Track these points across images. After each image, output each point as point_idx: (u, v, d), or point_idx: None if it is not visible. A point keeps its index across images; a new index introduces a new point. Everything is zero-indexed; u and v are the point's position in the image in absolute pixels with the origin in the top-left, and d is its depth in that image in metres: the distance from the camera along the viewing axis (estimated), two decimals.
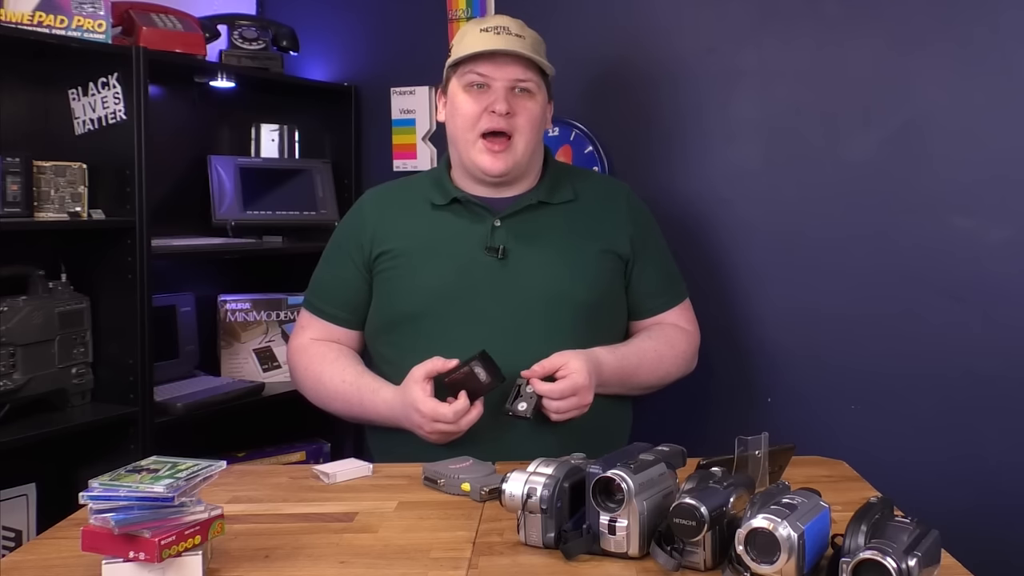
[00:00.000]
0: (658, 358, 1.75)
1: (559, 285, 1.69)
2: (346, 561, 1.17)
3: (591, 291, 1.71)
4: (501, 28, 1.66)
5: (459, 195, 1.73)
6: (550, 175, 1.78)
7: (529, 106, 1.68)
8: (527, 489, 1.17)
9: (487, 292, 1.67)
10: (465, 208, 1.73)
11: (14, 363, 1.87)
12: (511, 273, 1.68)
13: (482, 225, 1.71)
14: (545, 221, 1.73)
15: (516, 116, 1.66)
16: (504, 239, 1.69)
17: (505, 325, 1.65)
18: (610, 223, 1.76)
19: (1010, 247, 1.86)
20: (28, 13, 1.91)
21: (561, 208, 1.75)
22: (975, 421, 1.90)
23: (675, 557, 1.10)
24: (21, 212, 1.88)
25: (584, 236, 1.73)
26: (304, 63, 2.66)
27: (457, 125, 1.70)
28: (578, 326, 1.68)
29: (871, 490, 1.41)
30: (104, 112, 2.05)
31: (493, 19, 1.71)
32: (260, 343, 2.50)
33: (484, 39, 1.66)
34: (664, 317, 1.82)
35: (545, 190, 1.75)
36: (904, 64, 1.95)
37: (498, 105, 1.64)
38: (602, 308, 1.74)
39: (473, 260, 1.69)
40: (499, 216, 1.71)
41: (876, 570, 0.93)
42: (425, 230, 1.73)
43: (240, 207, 2.44)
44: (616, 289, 1.76)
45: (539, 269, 1.69)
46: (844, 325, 2.01)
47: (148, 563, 1.06)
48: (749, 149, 2.10)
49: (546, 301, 1.68)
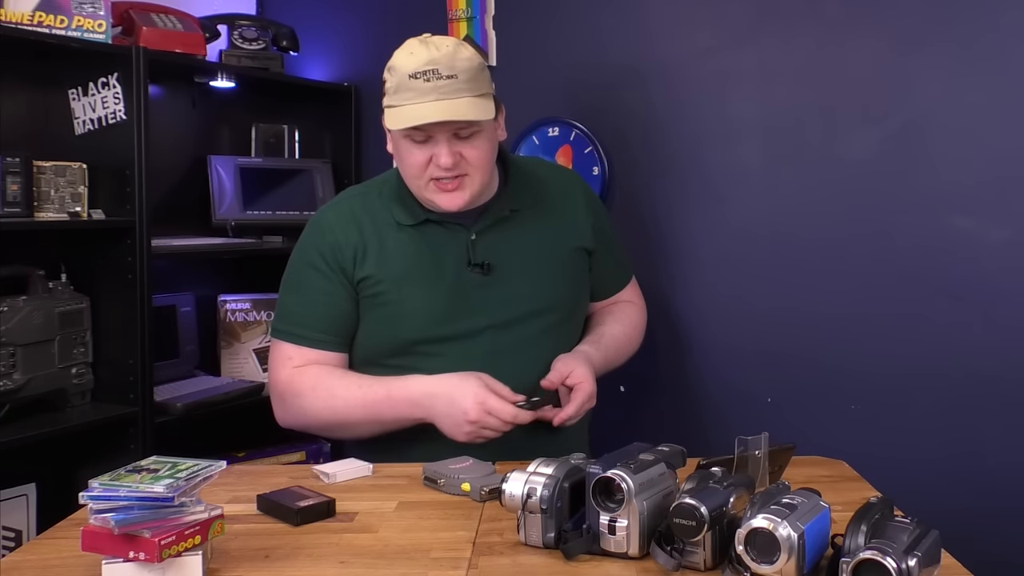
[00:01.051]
0: (627, 340, 1.85)
1: (545, 291, 1.71)
2: (346, 561, 1.17)
3: (573, 292, 1.77)
4: (431, 72, 1.54)
5: (430, 215, 1.68)
6: (512, 178, 1.75)
7: (476, 144, 1.61)
8: (527, 489, 1.17)
9: (479, 308, 1.67)
10: (439, 225, 1.68)
11: (14, 363, 1.87)
12: (499, 286, 1.68)
13: (459, 241, 1.68)
14: (519, 228, 1.72)
15: (464, 158, 1.60)
16: (485, 253, 1.68)
17: (500, 338, 1.66)
18: (573, 218, 1.78)
19: (1010, 247, 1.86)
20: (28, 13, 1.91)
21: (529, 212, 1.74)
22: (975, 421, 1.89)
23: (675, 557, 1.10)
24: (21, 212, 1.88)
25: (556, 237, 1.75)
26: (304, 63, 2.66)
27: (405, 171, 1.65)
28: (565, 328, 1.74)
29: (871, 490, 1.41)
30: (104, 112, 2.05)
31: (420, 51, 1.56)
32: (260, 343, 2.50)
33: (416, 93, 1.54)
34: (619, 295, 1.90)
35: (511, 197, 1.73)
36: (904, 64, 1.94)
37: (442, 159, 1.58)
38: (580, 305, 1.80)
39: (459, 278, 1.67)
40: (474, 230, 1.69)
41: (876, 570, 0.93)
42: (403, 252, 1.68)
43: (240, 207, 2.45)
44: (586, 282, 1.81)
45: (522, 278, 1.70)
46: (844, 325, 2.01)
47: (148, 563, 1.06)
48: (749, 149, 2.10)
49: (536, 309, 1.69)
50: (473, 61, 1.59)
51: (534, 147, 2.32)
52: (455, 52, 1.57)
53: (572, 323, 1.77)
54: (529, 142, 2.33)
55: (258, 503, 1.36)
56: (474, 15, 2.40)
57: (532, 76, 2.32)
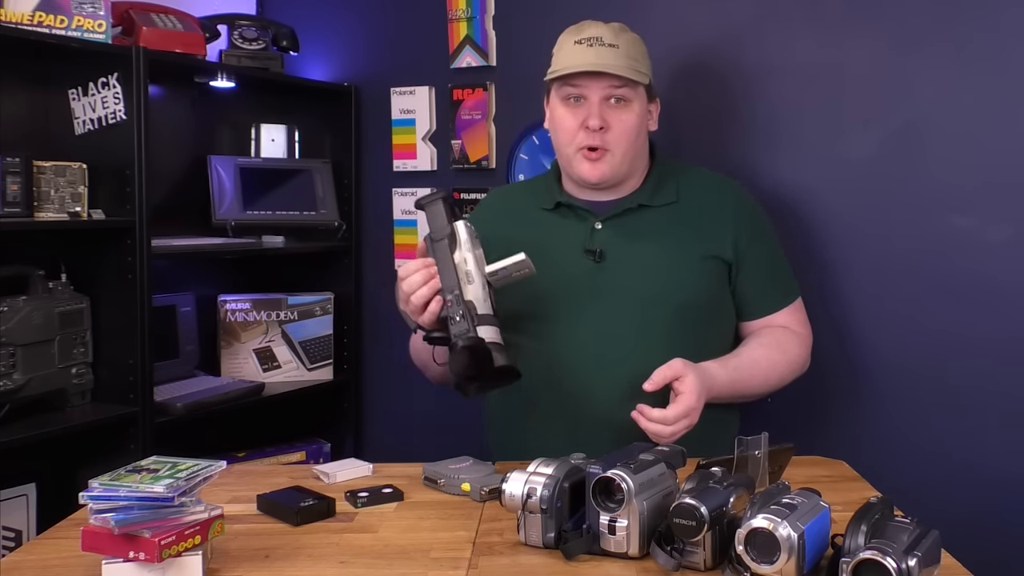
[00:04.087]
0: (771, 366, 1.73)
1: (654, 288, 1.68)
2: (346, 561, 1.17)
3: (688, 294, 1.69)
4: (594, 39, 1.67)
5: (563, 199, 1.76)
6: (655, 176, 1.78)
7: (624, 117, 1.68)
8: (527, 489, 1.17)
9: (584, 294, 1.68)
10: (570, 211, 1.75)
11: (14, 363, 1.87)
12: (608, 275, 1.69)
13: (583, 227, 1.73)
14: (646, 224, 1.73)
15: (610, 130, 1.67)
16: (603, 242, 1.71)
17: (601, 328, 1.66)
18: (713, 225, 1.74)
19: (1010, 247, 1.86)
20: (28, 13, 1.91)
21: (663, 210, 1.74)
22: (975, 421, 1.89)
23: (675, 557, 1.10)
24: (21, 212, 1.88)
25: (684, 239, 1.72)
26: (304, 63, 2.66)
27: (558, 138, 1.74)
28: (675, 329, 1.66)
29: (871, 490, 1.41)
30: (104, 112, 2.05)
31: (588, 28, 1.70)
32: (260, 343, 2.50)
33: (577, 53, 1.67)
34: (774, 319, 1.78)
35: (647, 192, 1.75)
36: (904, 64, 1.94)
37: (592, 120, 1.66)
38: (702, 311, 1.71)
39: (572, 262, 1.70)
40: (600, 219, 1.73)
41: (876, 570, 0.93)
42: (532, 233, 1.74)
43: (240, 207, 2.44)
44: (718, 291, 1.74)
45: (635, 272, 1.69)
46: (844, 325, 2.01)
47: (148, 563, 1.06)
48: (748, 149, 2.10)
49: (641, 304, 1.67)
50: (637, 42, 1.72)
51: (534, 147, 2.32)
52: (621, 29, 1.72)
53: (686, 328, 1.67)
54: (529, 142, 2.33)
55: (258, 503, 1.36)
56: (474, 15, 2.40)
57: (532, 76, 2.31)
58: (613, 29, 1.70)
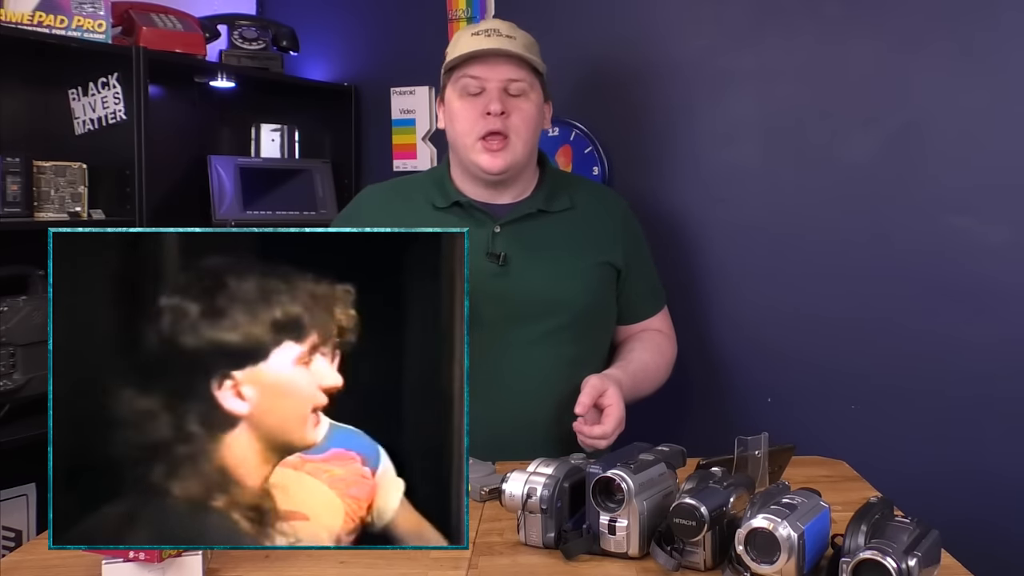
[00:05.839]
0: (656, 369, 1.81)
1: (557, 293, 1.70)
2: (346, 561, 1.17)
3: (587, 299, 1.74)
4: (492, 31, 1.69)
5: (460, 199, 1.74)
6: (548, 182, 1.79)
7: (524, 106, 1.70)
8: (527, 489, 1.17)
9: (487, 297, 1.67)
10: (466, 212, 1.74)
11: (14, 363, 1.87)
12: (511, 279, 1.69)
13: (483, 230, 1.72)
14: (544, 230, 1.74)
15: (511, 116, 1.68)
16: (504, 246, 1.70)
17: (503, 331, 1.67)
18: (606, 234, 1.79)
19: (1010, 248, 1.86)
20: (28, 13, 1.91)
21: (559, 217, 1.76)
22: (975, 421, 1.89)
23: (675, 557, 1.10)
24: (21, 212, 1.88)
25: (581, 246, 1.76)
26: (304, 63, 2.66)
27: (456, 131, 1.72)
28: (574, 333, 1.71)
29: (871, 490, 1.41)
30: (104, 112, 2.05)
31: (484, 23, 1.73)
32: None
33: (475, 42, 1.68)
34: (650, 323, 1.87)
35: (543, 198, 1.76)
36: (904, 64, 1.94)
37: (492, 105, 1.66)
38: (596, 316, 1.78)
39: (474, 265, 1.69)
40: (499, 222, 1.72)
41: (876, 570, 0.93)
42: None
43: (240, 207, 2.44)
44: (608, 297, 1.80)
45: (538, 276, 1.70)
46: (844, 325, 2.01)
47: (148, 563, 1.06)
48: (748, 149, 2.10)
49: (544, 308, 1.69)
50: (531, 38, 1.74)
51: None
52: (517, 26, 1.73)
53: (588, 332, 1.75)
54: None
55: None
56: (474, 15, 2.40)
57: None
58: (509, 24, 1.72)
